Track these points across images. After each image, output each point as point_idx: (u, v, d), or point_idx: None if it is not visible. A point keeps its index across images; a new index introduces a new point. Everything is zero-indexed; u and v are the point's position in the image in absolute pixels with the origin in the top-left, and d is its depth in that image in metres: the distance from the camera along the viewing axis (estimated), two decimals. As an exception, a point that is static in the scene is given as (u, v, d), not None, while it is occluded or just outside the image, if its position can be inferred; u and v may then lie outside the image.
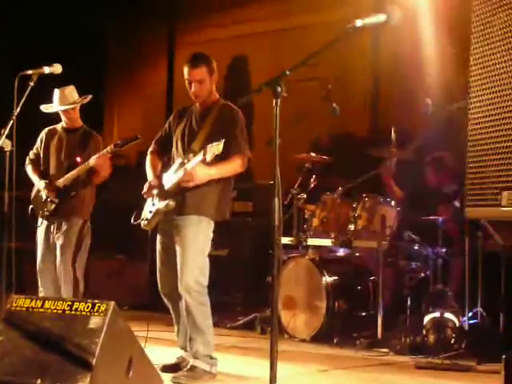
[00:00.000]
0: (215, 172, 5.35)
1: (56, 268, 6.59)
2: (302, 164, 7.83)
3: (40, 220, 6.70)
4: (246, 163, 5.46)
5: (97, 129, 7.19)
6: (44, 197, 6.63)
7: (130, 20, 12.46)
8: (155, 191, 5.48)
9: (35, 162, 6.86)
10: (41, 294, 6.62)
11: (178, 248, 5.42)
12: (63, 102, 6.68)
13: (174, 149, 5.64)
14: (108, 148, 6.41)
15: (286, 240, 7.48)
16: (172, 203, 5.39)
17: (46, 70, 5.54)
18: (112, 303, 4.43)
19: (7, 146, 5.34)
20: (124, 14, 12.45)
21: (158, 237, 5.64)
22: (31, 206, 6.74)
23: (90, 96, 6.78)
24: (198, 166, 5.24)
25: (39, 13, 10.95)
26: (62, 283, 6.57)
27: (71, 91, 6.73)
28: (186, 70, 5.53)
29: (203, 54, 5.64)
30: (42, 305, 4.55)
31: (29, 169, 6.83)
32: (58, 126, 6.86)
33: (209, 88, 5.55)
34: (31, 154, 6.90)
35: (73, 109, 6.72)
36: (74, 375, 4.20)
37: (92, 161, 6.44)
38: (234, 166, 5.42)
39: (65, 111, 6.72)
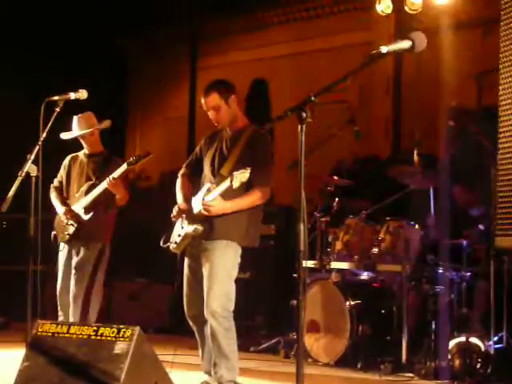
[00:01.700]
0: (231, 206, 5.37)
1: None
2: (325, 187, 7.82)
3: (62, 245, 6.72)
4: (267, 195, 5.47)
5: (119, 152, 7.23)
6: (65, 221, 6.65)
7: (152, 43, 12.55)
8: (184, 215, 5.50)
9: (59, 189, 6.89)
10: (60, 319, 6.62)
11: (205, 272, 5.42)
12: (81, 128, 6.71)
13: (204, 173, 5.66)
14: (121, 168, 6.41)
15: (309, 263, 7.46)
16: (200, 228, 5.40)
17: (72, 95, 5.59)
18: (137, 328, 4.44)
19: (33, 171, 5.38)
20: (146, 37, 12.54)
21: (186, 260, 5.65)
22: (54, 232, 6.76)
23: (108, 121, 6.80)
24: (215, 200, 5.29)
25: (61, 37, 11.04)
26: (71, 306, 6.56)
27: (89, 117, 6.76)
28: (202, 100, 5.60)
29: (217, 80, 5.69)
30: (68, 330, 4.56)
31: (52, 196, 6.86)
32: (81, 153, 6.90)
33: (228, 112, 5.56)
34: (55, 182, 6.93)
35: (91, 134, 6.75)
36: (99, 401, 4.21)
37: (106, 183, 6.42)
38: (254, 200, 5.43)
39: (83, 137, 6.75)
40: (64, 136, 6.81)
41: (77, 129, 6.74)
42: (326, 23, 10.77)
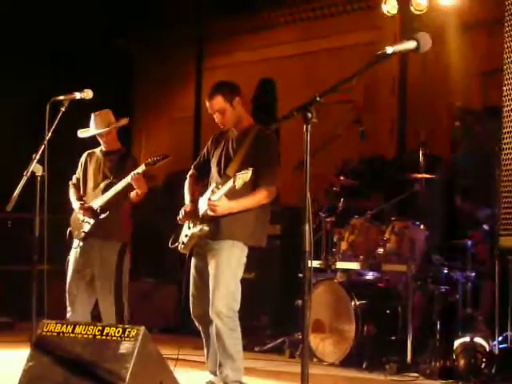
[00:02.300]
0: (236, 206, 5.38)
1: (86, 291, 6.60)
2: (330, 187, 7.83)
3: (76, 242, 6.70)
4: (273, 195, 5.47)
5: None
6: (81, 218, 6.66)
7: (158, 44, 12.56)
8: (190, 216, 5.51)
9: (77, 186, 6.89)
10: (68, 314, 6.62)
11: (210, 272, 5.44)
12: (98, 126, 6.71)
13: (211, 173, 5.67)
14: (139, 168, 6.42)
15: (314, 263, 7.47)
16: (206, 228, 5.42)
17: (77, 95, 5.60)
18: (142, 328, 4.45)
19: (38, 170, 5.39)
20: (153, 37, 12.55)
21: (193, 260, 5.65)
22: (69, 229, 6.76)
23: (125, 119, 6.80)
24: (220, 199, 5.29)
25: (68, 37, 11.06)
26: (102, 311, 6.57)
27: (106, 115, 6.76)
28: (206, 103, 5.61)
29: (221, 82, 5.68)
30: (73, 330, 4.57)
31: (70, 192, 6.86)
32: (97, 150, 6.88)
33: (234, 114, 5.56)
34: (74, 179, 6.93)
35: (108, 132, 6.75)
36: (104, 400, 4.22)
37: (130, 177, 6.43)
38: (259, 199, 5.43)
39: (100, 135, 6.75)
40: (81, 134, 6.82)
41: (93, 127, 6.73)
42: (332, 23, 10.77)
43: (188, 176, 5.86)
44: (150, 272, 9.83)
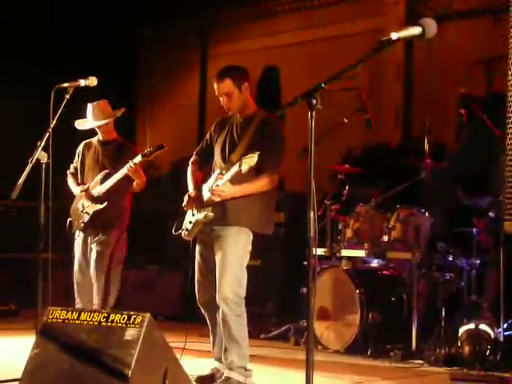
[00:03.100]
0: (239, 190, 5.36)
1: (91, 280, 6.64)
2: (335, 175, 7.82)
3: (77, 232, 6.74)
4: (274, 182, 5.45)
5: (129, 140, 7.24)
6: (80, 208, 6.68)
7: (163, 31, 12.55)
8: (194, 202, 5.51)
9: (75, 176, 6.91)
10: (77, 305, 6.66)
11: (217, 258, 5.43)
12: (96, 118, 6.70)
13: (214, 159, 5.66)
14: (135, 159, 6.43)
15: (319, 251, 7.47)
16: (211, 214, 5.41)
17: (82, 82, 5.59)
18: (148, 315, 4.45)
19: (43, 158, 5.39)
20: (156, 25, 12.53)
21: (198, 247, 5.65)
22: (69, 219, 6.79)
23: (122, 109, 6.80)
24: (224, 185, 5.29)
25: (72, 26, 11.05)
26: (95, 294, 6.61)
27: (104, 106, 6.75)
28: (214, 84, 5.57)
29: (231, 66, 5.65)
30: (78, 316, 4.57)
31: (69, 181, 6.89)
32: (94, 139, 6.90)
33: (240, 99, 5.53)
34: (71, 168, 6.95)
35: (106, 124, 6.75)
36: (110, 387, 4.23)
37: (126, 168, 6.45)
38: (261, 185, 5.40)
39: (98, 126, 6.76)
40: (79, 126, 6.81)
41: (91, 118, 6.72)
42: (335, 11, 10.75)
43: (190, 163, 5.84)
44: (155, 259, 9.85)
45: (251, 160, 5.10)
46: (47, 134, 5.40)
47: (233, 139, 5.55)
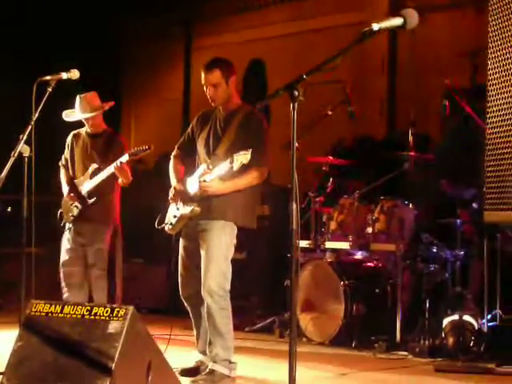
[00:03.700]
0: (229, 186, 5.39)
1: (82, 272, 6.64)
2: (319, 167, 7.83)
3: (67, 224, 6.74)
4: (264, 176, 5.48)
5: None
6: (70, 202, 6.68)
7: (147, 24, 12.51)
8: (179, 196, 5.50)
9: (66, 167, 6.91)
10: (64, 295, 6.65)
11: (202, 252, 5.44)
12: (84, 110, 6.68)
13: (198, 153, 5.65)
14: (122, 158, 6.43)
15: (303, 243, 7.50)
16: (197, 209, 5.41)
17: (64, 75, 5.55)
18: (131, 308, 4.44)
19: (26, 151, 5.37)
20: (140, 17, 12.49)
21: (181, 241, 5.65)
22: (60, 210, 6.79)
23: (111, 103, 6.79)
24: (213, 180, 5.29)
25: (54, 17, 11.00)
26: (94, 291, 6.61)
27: (92, 98, 6.73)
28: (202, 74, 5.57)
29: (220, 58, 5.67)
30: (62, 310, 4.55)
31: (61, 174, 6.90)
32: (83, 130, 6.89)
33: (226, 91, 5.54)
34: (63, 159, 6.96)
35: (93, 116, 6.73)
36: (93, 380, 4.21)
37: (113, 167, 6.45)
38: (250, 180, 5.43)
39: (86, 119, 6.74)
40: (67, 118, 6.79)
41: (79, 110, 6.71)
42: (321, 3, 10.73)
43: (172, 156, 5.84)
44: (140, 252, 9.82)
45: (244, 157, 5.09)
46: (29, 128, 5.37)
47: (216, 133, 5.55)
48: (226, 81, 5.53)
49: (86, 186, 6.64)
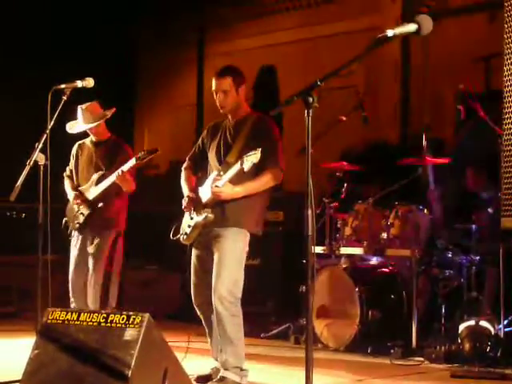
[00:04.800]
0: (242, 190, 5.39)
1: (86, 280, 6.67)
2: (333, 173, 7.83)
3: (73, 232, 6.77)
4: (279, 177, 5.46)
5: (127, 140, 7.24)
6: (76, 209, 6.70)
7: (160, 31, 12.54)
8: (193, 204, 5.51)
9: (71, 178, 6.94)
10: (72, 305, 6.68)
11: (215, 258, 5.44)
12: (87, 121, 6.70)
13: (209, 163, 5.66)
14: (130, 162, 6.44)
15: (318, 249, 7.47)
16: (211, 216, 5.41)
17: (79, 83, 5.60)
18: (147, 315, 4.45)
19: (41, 159, 5.40)
20: (153, 25, 12.53)
21: (194, 250, 5.65)
22: (65, 219, 6.81)
23: (113, 109, 6.79)
24: (224, 186, 5.30)
25: (69, 26, 11.04)
26: (90, 294, 6.63)
27: (94, 108, 6.75)
28: (213, 81, 5.60)
29: (232, 65, 5.70)
30: (78, 317, 4.57)
31: (66, 183, 6.92)
32: (87, 140, 6.92)
33: (235, 99, 5.55)
34: (67, 170, 6.98)
35: (97, 126, 6.75)
36: (110, 387, 4.23)
37: (115, 176, 6.46)
38: (265, 182, 5.43)
39: (90, 128, 6.76)
40: (70, 130, 6.80)
41: (82, 121, 6.73)
42: (332, 9, 10.72)
43: (183, 168, 5.85)
44: (154, 259, 9.84)
45: (254, 157, 5.12)
46: (44, 136, 5.40)
47: (227, 141, 5.57)
48: (236, 89, 5.55)
49: (92, 192, 6.67)
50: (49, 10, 10.91)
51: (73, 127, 6.80)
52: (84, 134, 6.93)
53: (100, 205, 6.61)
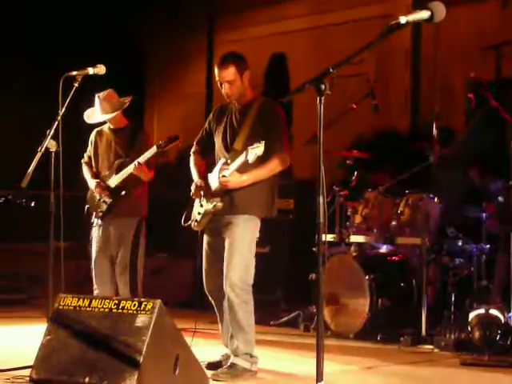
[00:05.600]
0: (249, 177, 5.39)
1: (111, 268, 6.68)
2: (344, 160, 7.82)
3: (95, 220, 6.75)
4: (287, 161, 5.46)
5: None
6: (98, 197, 6.69)
7: (170, 19, 12.52)
8: (202, 192, 5.52)
9: (89, 164, 6.92)
10: (95, 292, 6.68)
11: (226, 245, 5.46)
12: (105, 111, 6.68)
13: (216, 148, 5.66)
14: (151, 150, 6.45)
15: (328, 237, 7.48)
16: (219, 204, 5.42)
17: (91, 70, 5.59)
18: (158, 301, 4.47)
19: (53, 146, 5.41)
20: (164, 13, 12.51)
21: (205, 236, 5.67)
22: (87, 206, 6.80)
23: (130, 97, 6.78)
24: (232, 175, 5.30)
25: (80, 15, 11.05)
26: (120, 285, 6.65)
27: (111, 97, 6.72)
28: (215, 71, 5.55)
29: (233, 53, 5.62)
30: (90, 304, 4.60)
31: (84, 170, 6.91)
32: (105, 127, 6.89)
33: (241, 86, 5.53)
34: (85, 157, 6.96)
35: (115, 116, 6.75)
36: (121, 373, 4.25)
37: (133, 167, 6.47)
38: (273, 167, 5.43)
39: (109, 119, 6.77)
40: (88, 119, 6.78)
41: (100, 111, 6.70)
42: (344, -4, 10.69)
43: (192, 153, 5.85)
44: (165, 247, 9.86)
45: (258, 150, 5.13)
46: (56, 123, 5.41)
47: (233, 126, 5.56)
48: (241, 76, 5.51)
49: (113, 180, 6.66)
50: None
51: (90, 117, 6.78)
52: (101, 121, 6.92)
53: (123, 193, 6.61)
